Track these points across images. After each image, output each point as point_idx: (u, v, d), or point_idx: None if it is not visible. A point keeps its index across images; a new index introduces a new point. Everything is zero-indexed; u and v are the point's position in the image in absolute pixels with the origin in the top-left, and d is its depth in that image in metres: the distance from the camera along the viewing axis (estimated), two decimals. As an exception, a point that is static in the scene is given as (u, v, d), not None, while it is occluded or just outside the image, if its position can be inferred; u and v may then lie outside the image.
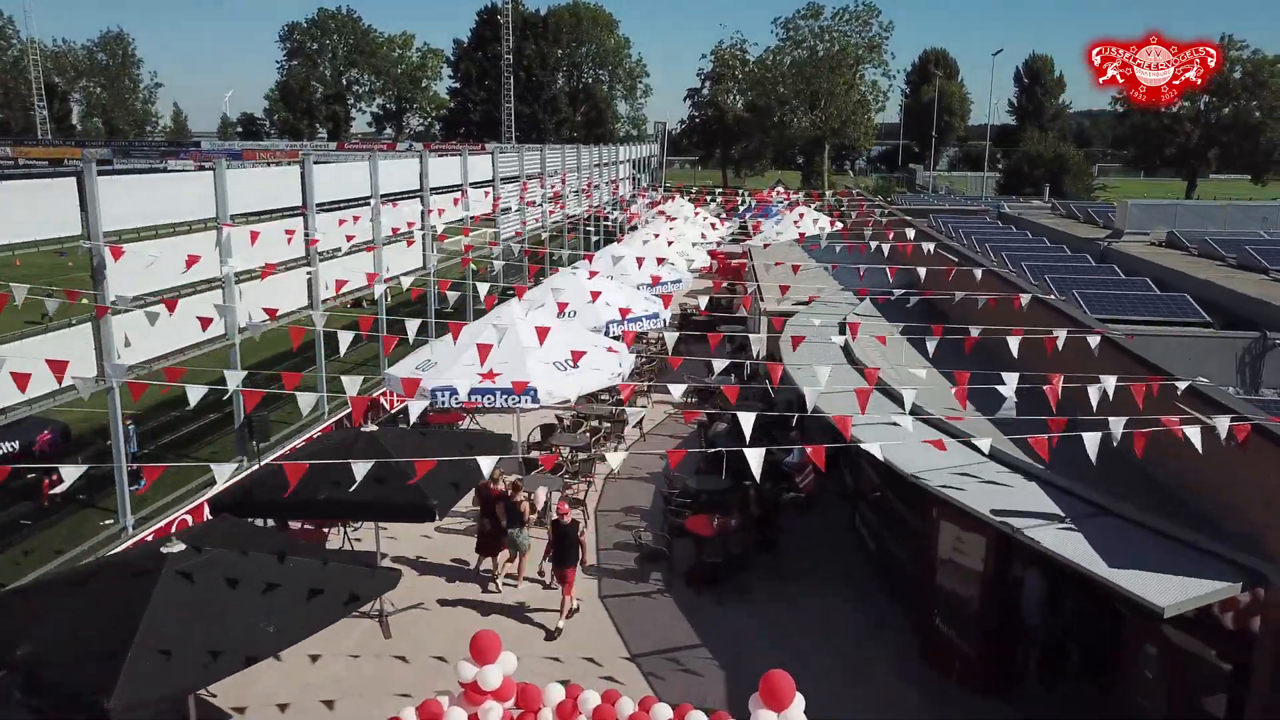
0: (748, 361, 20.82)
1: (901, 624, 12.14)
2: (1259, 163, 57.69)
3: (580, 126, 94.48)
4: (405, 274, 21.18)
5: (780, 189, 58.47)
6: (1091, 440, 8.17)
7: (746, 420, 8.97)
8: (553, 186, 32.74)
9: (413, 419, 10.78)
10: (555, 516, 13.05)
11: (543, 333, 14.31)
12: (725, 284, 35.64)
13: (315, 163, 17.80)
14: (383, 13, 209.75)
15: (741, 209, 45.47)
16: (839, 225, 34.34)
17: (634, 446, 20.58)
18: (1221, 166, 63.13)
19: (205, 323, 12.88)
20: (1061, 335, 11.42)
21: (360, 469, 8.54)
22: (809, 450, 9.49)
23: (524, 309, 18.31)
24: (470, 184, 26.14)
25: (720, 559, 13.48)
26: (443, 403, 16.16)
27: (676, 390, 10.77)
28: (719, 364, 11.89)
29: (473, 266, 24.98)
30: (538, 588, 13.44)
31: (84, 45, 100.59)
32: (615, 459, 9.75)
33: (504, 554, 13.58)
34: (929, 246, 19.40)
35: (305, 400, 8.99)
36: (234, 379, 9.76)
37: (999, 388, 9.86)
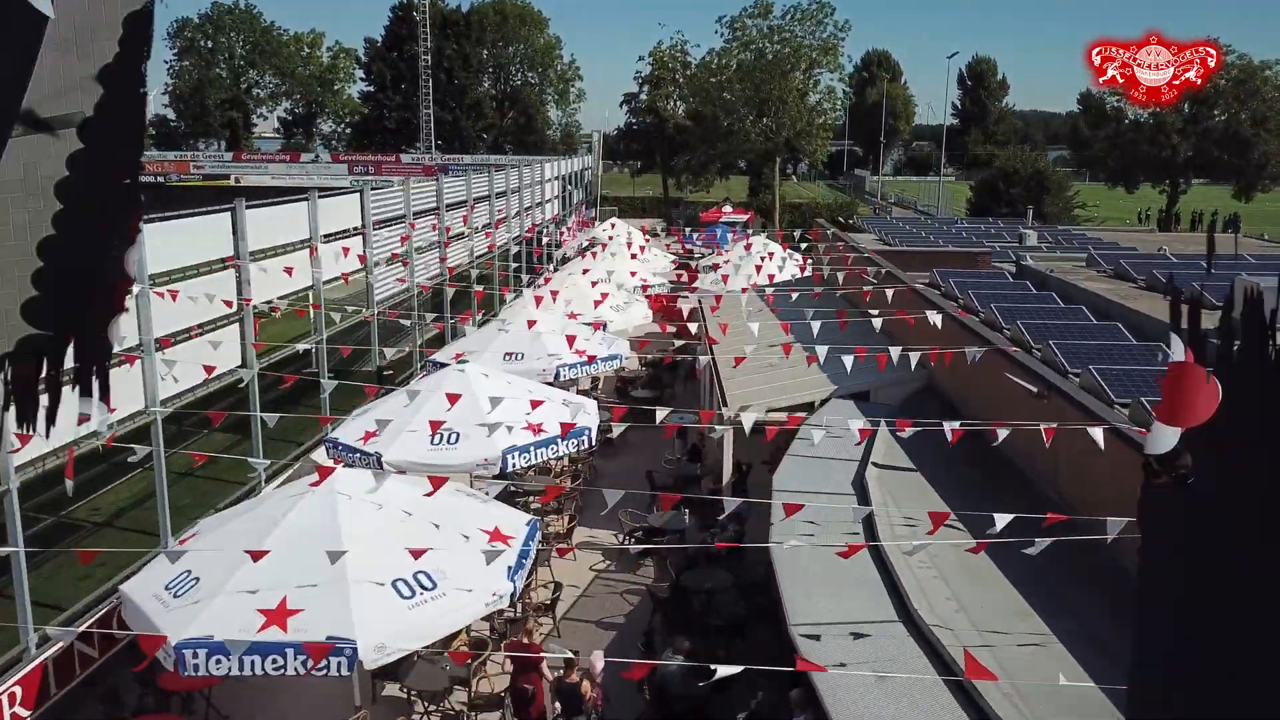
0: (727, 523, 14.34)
1: None
2: (1249, 176, 53.39)
3: (509, 133, 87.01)
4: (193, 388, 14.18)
5: (729, 207, 52.33)
6: None
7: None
8: (447, 227, 25.78)
9: None
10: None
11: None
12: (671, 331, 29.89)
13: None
14: (288, 10, 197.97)
15: (695, 259, 39.64)
16: (809, 273, 28.16)
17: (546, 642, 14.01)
18: (1199, 174, 58.92)
19: None
20: None
21: None
22: None
23: (360, 474, 11.59)
24: (324, 237, 19.16)
25: None
26: (197, 668, 9.39)
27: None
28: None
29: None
30: None
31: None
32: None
33: None
34: (974, 353, 13.20)
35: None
36: None
37: None
